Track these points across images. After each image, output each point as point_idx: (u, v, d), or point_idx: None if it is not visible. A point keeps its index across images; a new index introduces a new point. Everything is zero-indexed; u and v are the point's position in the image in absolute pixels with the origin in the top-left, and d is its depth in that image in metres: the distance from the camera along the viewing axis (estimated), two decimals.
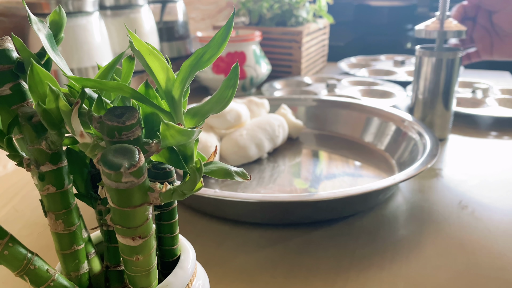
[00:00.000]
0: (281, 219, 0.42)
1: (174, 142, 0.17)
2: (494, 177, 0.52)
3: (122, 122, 0.17)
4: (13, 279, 0.35)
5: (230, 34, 0.18)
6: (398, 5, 1.74)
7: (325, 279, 0.35)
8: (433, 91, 0.61)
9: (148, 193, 0.17)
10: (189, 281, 0.22)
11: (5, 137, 0.19)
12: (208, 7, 1.27)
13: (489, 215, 0.44)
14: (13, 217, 0.45)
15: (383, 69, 1.03)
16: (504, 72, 1.02)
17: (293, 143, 0.64)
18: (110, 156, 0.16)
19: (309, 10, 0.99)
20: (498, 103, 0.76)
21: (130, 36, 0.17)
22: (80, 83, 0.17)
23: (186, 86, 0.18)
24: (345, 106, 0.68)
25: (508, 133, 0.66)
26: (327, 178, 0.54)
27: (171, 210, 0.23)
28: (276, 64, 0.96)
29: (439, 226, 0.42)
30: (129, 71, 0.20)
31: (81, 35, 0.64)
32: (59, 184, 0.19)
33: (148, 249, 0.18)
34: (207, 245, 0.39)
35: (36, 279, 0.19)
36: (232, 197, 0.39)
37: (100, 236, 0.24)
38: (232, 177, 0.19)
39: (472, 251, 0.38)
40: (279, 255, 0.38)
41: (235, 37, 0.82)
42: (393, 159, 0.57)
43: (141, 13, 0.79)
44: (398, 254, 0.38)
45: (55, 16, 0.19)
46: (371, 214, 0.44)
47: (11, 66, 0.18)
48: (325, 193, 0.40)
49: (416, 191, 0.49)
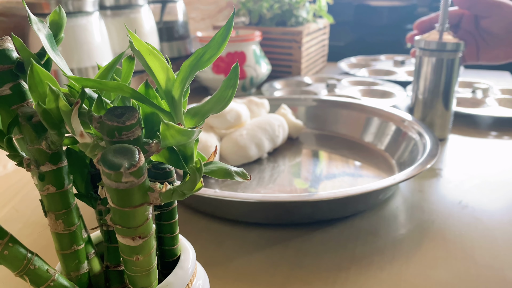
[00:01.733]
0: (281, 219, 0.42)
1: (174, 142, 0.17)
2: (494, 177, 0.52)
3: (122, 122, 0.17)
4: (13, 279, 0.35)
5: (230, 34, 0.18)
6: (398, 5, 1.74)
7: (325, 279, 0.35)
8: (433, 91, 0.61)
9: (148, 193, 0.17)
10: (189, 281, 0.22)
11: (5, 137, 0.19)
12: (208, 7, 1.27)
13: (489, 215, 0.44)
14: (13, 217, 0.45)
15: (383, 69, 1.03)
16: (504, 72, 1.02)
17: (293, 143, 0.64)
18: (110, 156, 0.16)
19: (309, 10, 0.99)
20: (498, 103, 0.76)
21: (130, 36, 0.17)
22: (80, 83, 0.17)
23: (186, 86, 0.18)
24: (345, 106, 0.68)
25: (508, 133, 0.66)
26: (327, 178, 0.54)
27: (171, 210, 0.23)
28: (276, 64, 0.96)
29: (439, 226, 0.42)
30: (129, 71, 0.20)
31: (81, 35, 0.64)
32: (59, 184, 0.19)
33: (148, 249, 0.18)
34: (207, 245, 0.39)
35: (36, 279, 0.19)
36: (232, 197, 0.39)
37: (100, 236, 0.24)
38: (232, 177, 0.19)
39: (472, 251, 0.38)
40: (279, 255, 0.38)
41: (235, 37, 0.82)
42: (393, 159, 0.57)
43: (141, 13, 0.79)
44: (398, 254, 0.38)
45: (55, 16, 0.19)
46: (371, 214, 0.44)
47: (11, 66, 0.18)
48: (325, 193, 0.40)
49: (416, 191, 0.49)
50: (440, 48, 0.58)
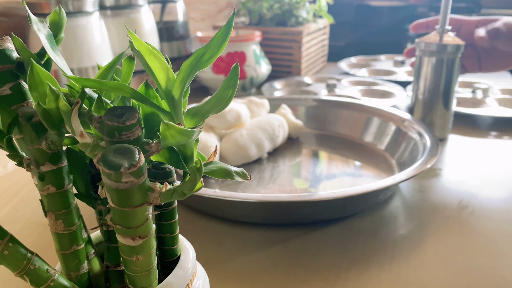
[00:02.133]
0: (281, 219, 0.42)
1: (174, 142, 0.17)
2: (494, 177, 0.52)
3: (122, 122, 0.17)
4: (13, 279, 0.35)
5: (230, 34, 0.18)
6: (398, 5, 1.74)
7: (325, 279, 0.35)
8: (433, 91, 0.61)
9: (148, 193, 0.17)
10: (189, 281, 0.22)
11: (5, 137, 0.19)
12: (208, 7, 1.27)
13: (489, 215, 0.44)
14: (13, 217, 0.45)
15: (383, 69, 1.03)
16: (504, 72, 1.02)
17: (293, 143, 0.64)
18: (110, 156, 0.16)
19: (309, 10, 0.99)
20: (498, 103, 0.76)
21: (130, 36, 0.17)
22: (80, 83, 0.17)
23: (186, 86, 0.18)
24: (345, 106, 0.68)
25: (508, 133, 0.66)
26: (327, 178, 0.54)
27: (171, 210, 0.23)
28: (276, 64, 0.96)
29: (439, 226, 0.42)
30: (129, 71, 0.20)
31: (81, 35, 0.64)
32: (59, 184, 0.19)
33: (148, 249, 0.18)
34: (207, 245, 0.39)
35: (36, 279, 0.19)
36: (232, 197, 0.39)
37: (100, 236, 0.24)
38: (232, 177, 0.19)
39: (472, 251, 0.38)
40: (279, 255, 0.38)
41: (235, 37, 0.82)
42: (393, 159, 0.57)
43: (141, 13, 0.79)
44: (398, 254, 0.38)
45: (55, 16, 0.19)
46: (371, 214, 0.44)
47: (11, 66, 0.18)
48: (325, 193, 0.40)
49: (416, 191, 0.49)
50: (441, 50, 0.58)
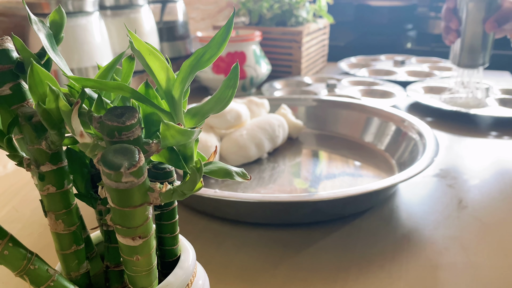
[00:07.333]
0: (281, 219, 0.42)
1: (174, 142, 0.17)
2: (494, 177, 0.52)
3: (122, 122, 0.17)
4: (13, 279, 0.35)
5: (230, 34, 0.18)
6: (398, 5, 1.74)
7: (325, 279, 0.35)
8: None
9: (148, 193, 0.17)
10: (189, 281, 0.22)
11: (5, 137, 0.19)
12: (208, 7, 1.27)
13: (489, 215, 0.44)
14: (13, 217, 0.45)
15: (383, 69, 1.03)
16: (504, 72, 1.02)
17: (293, 143, 0.64)
18: (110, 156, 0.16)
19: (309, 10, 0.99)
20: (498, 103, 0.76)
21: (130, 36, 0.17)
22: (80, 83, 0.17)
23: (186, 86, 0.18)
24: (345, 106, 0.68)
25: (508, 133, 0.66)
26: (327, 178, 0.54)
27: (171, 210, 0.23)
28: (276, 64, 0.96)
29: (439, 226, 0.42)
30: (129, 71, 0.20)
31: (81, 35, 0.64)
32: (59, 184, 0.19)
33: (148, 249, 0.18)
34: (207, 245, 0.39)
35: (36, 279, 0.19)
36: (232, 197, 0.39)
37: (100, 236, 0.24)
38: (232, 177, 0.19)
39: (472, 251, 0.38)
40: (279, 255, 0.38)
41: (235, 37, 0.82)
42: (393, 159, 0.57)
43: (141, 13, 0.79)
44: (398, 254, 0.38)
45: (55, 16, 0.19)
46: (371, 214, 0.44)
47: (11, 66, 0.18)
48: (325, 193, 0.40)
49: (416, 191, 0.49)
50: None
